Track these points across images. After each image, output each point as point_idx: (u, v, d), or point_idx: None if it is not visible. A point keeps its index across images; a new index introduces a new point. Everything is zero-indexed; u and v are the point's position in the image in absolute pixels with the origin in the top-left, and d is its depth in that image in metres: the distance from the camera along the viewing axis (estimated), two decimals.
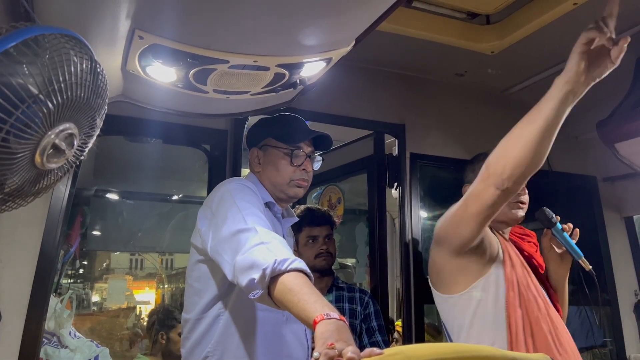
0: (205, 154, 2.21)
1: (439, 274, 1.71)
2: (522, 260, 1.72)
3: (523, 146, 1.35)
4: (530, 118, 1.35)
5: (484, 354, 0.86)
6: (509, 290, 1.59)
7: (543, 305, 1.62)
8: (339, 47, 1.36)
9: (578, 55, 1.28)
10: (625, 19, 2.00)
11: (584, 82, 1.29)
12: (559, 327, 1.61)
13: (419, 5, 1.99)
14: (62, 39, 0.87)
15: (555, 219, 1.74)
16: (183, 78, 1.35)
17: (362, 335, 2.25)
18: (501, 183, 1.40)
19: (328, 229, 2.33)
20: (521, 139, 1.36)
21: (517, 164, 1.37)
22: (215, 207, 1.45)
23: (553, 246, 1.79)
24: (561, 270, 1.80)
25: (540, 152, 1.35)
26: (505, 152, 1.41)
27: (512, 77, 2.57)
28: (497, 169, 1.42)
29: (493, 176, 1.43)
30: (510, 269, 1.63)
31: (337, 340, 0.90)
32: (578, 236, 1.76)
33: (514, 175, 1.39)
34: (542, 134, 1.32)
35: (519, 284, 1.61)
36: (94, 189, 3.24)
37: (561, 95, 1.29)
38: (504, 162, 1.40)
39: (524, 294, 1.60)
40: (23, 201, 0.97)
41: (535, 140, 1.33)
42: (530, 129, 1.34)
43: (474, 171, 1.80)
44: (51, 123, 0.85)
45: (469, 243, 1.58)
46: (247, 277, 1.17)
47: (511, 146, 1.39)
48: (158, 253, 4.48)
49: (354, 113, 2.42)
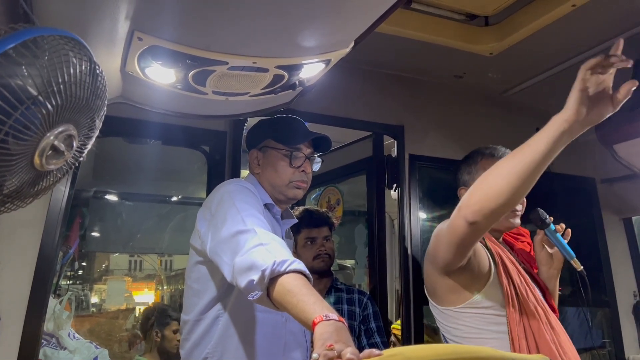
0: (204, 156, 2.22)
1: (433, 289, 1.68)
2: (517, 266, 1.70)
3: (503, 179, 1.27)
4: (520, 152, 1.27)
5: (483, 355, 0.86)
6: (508, 306, 1.55)
7: (543, 314, 1.59)
8: (338, 49, 1.36)
9: (578, 93, 1.20)
10: (624, 20, 2.01)
11: (582, 122, 1.22)
12: (560, 335, 1.58)
13: (417, 7, 2.00)
14: (61, 41, 0.87)
15: (548, 220, 1.72)
16: (182, 79, 1.35)
17: (361, 337, 2.25)
18: (471, 216, 1.32)
19: (326, 230, 2.33)
20: (504, 172, 1.28)
21: (492, 197, 1.29)
22: (215, 208, 1.45)
23: (545, 246, 1.79)
24: (552, 270, 1.79)
25: (519, 189, 1.26)
26: (483, 183, 1.33)
27: (511, 79, 2.57)
28: (470, 199, 1.34)
29: (464, 208, 1.35)
30: (507, 282, 1.58)
31: (336, 342, 0.90)
32: (570, 236, 1.75)
33: (485, 209, 1.30)
34: (528, 170, 1.24)
35: (518, 296, 1.57)
36: (93, 190, 3.24)
37: (557, 134, 1.21)
38: (479, 194, 1.33)
39: (524, 307, 1.57)
40: (22, 202, 0.96)
41: (519, 175, 1.24)
42: (516, 163, 1.26)
43: (470, 173, 1.78)
44: (50, 124, 0.85)
45: (452, 267, 1.53)
46: (246, 279, 1.17)
47: (492, 178, 1.31)
48: (157, 254, 4.47)
49: (353, 114, 2.42)
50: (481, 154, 1.78)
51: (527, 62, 2.36)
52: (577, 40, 2.15)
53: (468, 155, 1.83)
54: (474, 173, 1.74)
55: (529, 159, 1.24)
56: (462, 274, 1.56)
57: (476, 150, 1.81)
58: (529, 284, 1.65)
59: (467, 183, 1.76)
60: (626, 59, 1.19)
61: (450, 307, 1.62)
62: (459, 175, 1.82)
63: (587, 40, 2.15)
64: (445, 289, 1.62)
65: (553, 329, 1.58)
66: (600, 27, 2.06)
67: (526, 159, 1.24)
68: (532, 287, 1.66)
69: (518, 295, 1.58)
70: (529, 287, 1.64)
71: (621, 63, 1.19)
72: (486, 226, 1.38)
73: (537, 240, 1.81)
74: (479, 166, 1.74)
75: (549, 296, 1.74)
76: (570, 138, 1.24)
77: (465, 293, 1.59)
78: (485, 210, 1.30)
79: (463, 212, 1.35)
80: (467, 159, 1.82)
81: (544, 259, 1.80)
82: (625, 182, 2.80)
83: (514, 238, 1.87)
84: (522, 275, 1.66)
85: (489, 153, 1.76)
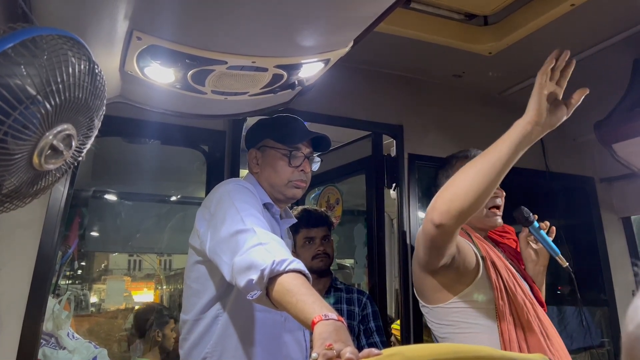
0: (203, 155, 2.21)
1: (421, 288, 1.70)
2: (504, 261, 1.72)
3: (469, 181, 1.33)
4: (484, 155, 1.34)
5: (483, 355, 0.85)
6: (497, 300, 1.57)
7: (531, 307, 1.62)
8: (337, 48, 1.36)
9: (538, 97, 1.30)
10: (622, 20, 2.01)
11: (543, 125, 1.30)
12: (548, 327, 1.62)
13: (416, 7, 2.00)
14: (60, 40, 0.87)
15: (532, 218, 1.77)
16: (181, 79, 1.35)
17: (360, 336, 2.25)
18: (438, 218, 1.37)
19: (325, 230, 2.33)
20: (470, 174, 1.34)
21: (458, 199, 1.34)
22: (214, 208, 1.45)
23: (530, 243, 1.82)
24: (538, 266, 1.83)
25: (485, 190, 1.32)
26: (450, 186, 1.38)
27: (510, 78, 2.57)
28: (436, 202, 1.39)
29: (431, 211, 1.40)
30: (495, 276, 1.61)
31: (336, 341, 0.90)
32: (554, 234, 1.78)
33: (452, 211, 1.35)
34: (492, 172, 1.31)
35: (507, 290, 1.60)
36: (92, 190, 3.23)
37: (520, 137, 1.30)
38: (446, 196, 1.38)
39: (513, 300, 1.59)
40: (21, 202, 0.96)
41: (484, 177, 1.31)
42: (481, 166, 1.33)
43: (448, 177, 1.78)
44: (49, 124, 0.85)
45: (433, 267, 1.56)
46: (246, 278, 1.17)
47: (458, 181, 1.37)
48: (156, 254, 4.47)
49: (352, 114, 2.42)
50: (455, 157, 1.86)
51: (526, 61, 2.35)
52: (576, 39, 2.15)
53: (444, 160, 1.88)
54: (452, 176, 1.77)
55: (493, 161, 1.31)
56: (447, 273, 1.59)
57: (451, 155, 1.89)
58: (516, 278, 1.68)
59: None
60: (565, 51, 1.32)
61: (439, 305, 1.64)
62: (438, 181, 1.87)
63: (586, 39, 2.16)
64: (432, 288, 1.64)
65: (541, 321, 1.61)
66: (599, 27, 2.07)
67: (490, 161, 1.31)
68: (520, 281, 1.69)
69: (507, 289, 1.61)
70: (516, 281, 1.67)
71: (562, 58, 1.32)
72: (454, 227, 1.41)
73: (522, 237, 1.87)
74: (455, 169, 1.76)
75: (536, 290, 1.76)
76: (532, 141, 1.32)
77: (452, 290, 1.61)
78: (452, 212, 1.35)
79: (430, 215, 1.39)
80: (444, 164, 1.88)
81: (529, 256, 1.84)
82: (624, 181, 2.81)
83: (499, 235, 1.91)
84: (509, 269, 1.69)
85: (463, 155, 1.83)
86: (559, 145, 2.84)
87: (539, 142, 2.79)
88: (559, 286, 2.66)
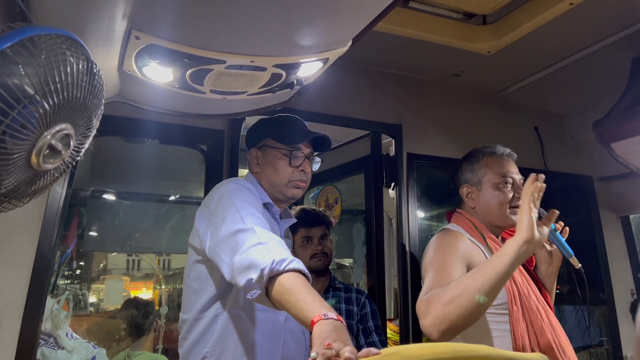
0: (202, 155, 2.21)
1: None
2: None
3: (470, 298, 1.36)
4: (483, 274, 1.39)
5: (482, 354, 0.85)
6: (511, 304, 1.57)
7: (544, 313, 1.60)
8: (335, 48, 1.36)
9: (528, 216, 1.40)
10: (620, 19, 2.01)
11: (535, 243, 1.39)
12: (560, 334, 1.59)
13: (415, 6, 2.00)
14: (58, 39, 0.86)
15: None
16: (180, 78, 1.35)
17: (359, 336, 2.25)
18: (436, 335, 1.40)
19: (323, 230, 2.33)
20: (470, 291, 1.37)
21: (460, 315, 1.37)
22: (214, 207, 1.44)
23: (544, 244, 1.79)
24: (552, 268, 1.80)
25: (484, 305, 1.37)
26: (452, 302, 1.39)
27: (509, 77, 2.57)
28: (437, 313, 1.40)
29: (432, 319, 1.41)
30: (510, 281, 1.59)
31: (335, 340, 0.90)
32: (568, 234, 1.76)
33: (452, 329, 1.39)
34: (492, 289, 1.36)
35: (521, 295, 1.59)
36: (91, 190, 3.23)
37: (516, 255, 1.37)
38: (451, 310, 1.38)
39: (527, 305, 1.58)
40: (19, 202, 0.96)
41: (485, 294, 1.35)
42: (481, 285, 1.36)
43: (472, 171, 1.79)
44: (47, 123, 0.85)
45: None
46: (245, 277, 1.16)
47: (460, 298, 1.38)
48: (155, 254, 4.46)
49: (351, 113, 2.42)
50: (482, 152, 1.82)
51: (525, 60, 2.36)
52: (575, 38, 2.16)
53: (469, 154, 1.85)
54: (477, 170, 1.77)
55: (492, 277, 1.37)
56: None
57: (476, 149, 1.84)
58: (529, 282, 1.66)
59: (469, 181, 1.78)
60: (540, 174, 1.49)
61: None
62: (460, 174, 1.83)
63: (585, 38, 2.16)
64: None
65: (553, 327, 1.59)
66: (598, 26, 2.07)
67: (491, 277, 1.37)
68: (532, 286, 1.67)
69: (520, 293, 1.60)
70: (529, 285, 1.65)
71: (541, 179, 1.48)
72: (453, 335, 1.45)
73: None
74: (481, 164, 1.78)
75: (545, 294, 1.74)
76: (524, 260, 1.41)
77: None
78: (453, 330, 1.40)
79: (430, 325, 1.41)
80: (469, 157, 1.84)
81: (543, 258, 1.80)
82: (622, 180, 2.81)
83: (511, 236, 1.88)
84: (522, 274, 1.67)
85: (490, 151, 1.80)
86: (558, 144, 2.85)
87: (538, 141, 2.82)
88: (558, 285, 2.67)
